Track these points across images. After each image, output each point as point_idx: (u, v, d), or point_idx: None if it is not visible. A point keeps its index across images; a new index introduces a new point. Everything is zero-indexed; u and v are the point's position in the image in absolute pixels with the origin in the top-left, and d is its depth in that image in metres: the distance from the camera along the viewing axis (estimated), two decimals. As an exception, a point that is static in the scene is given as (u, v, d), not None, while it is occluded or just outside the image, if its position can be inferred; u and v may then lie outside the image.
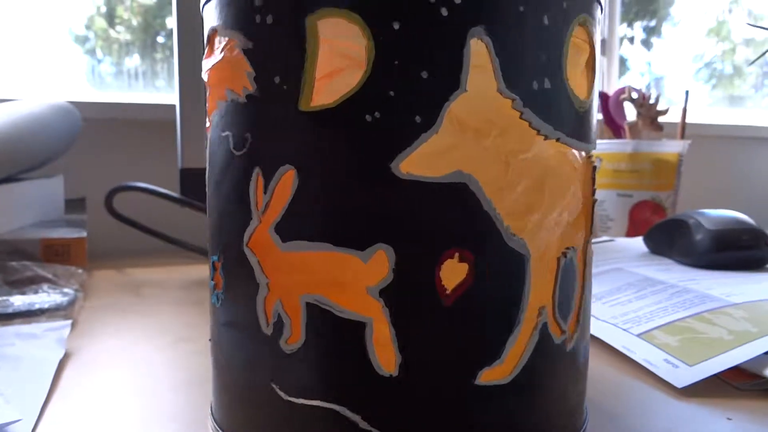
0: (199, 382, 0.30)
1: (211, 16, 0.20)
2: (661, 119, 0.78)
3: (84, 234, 0.54)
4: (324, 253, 0.18)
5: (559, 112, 0.19)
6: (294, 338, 0.18)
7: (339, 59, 0.17)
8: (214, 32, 0.20)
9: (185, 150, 0.57)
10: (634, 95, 0.77)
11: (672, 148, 0.73)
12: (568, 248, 0.20)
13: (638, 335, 0.34)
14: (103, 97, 0.77)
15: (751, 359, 0.29)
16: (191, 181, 0.55)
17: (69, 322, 0.37)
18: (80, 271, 0.49)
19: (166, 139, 0.74)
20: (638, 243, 0.57)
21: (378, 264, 0.17)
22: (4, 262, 0.48)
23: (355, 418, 0.18)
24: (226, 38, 0.19)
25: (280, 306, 0.19)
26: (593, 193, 0.21)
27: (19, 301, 0.41)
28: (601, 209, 0.77)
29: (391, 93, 0.17)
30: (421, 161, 0.17)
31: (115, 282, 0.53)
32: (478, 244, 0.18)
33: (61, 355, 0.32)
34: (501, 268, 0.18)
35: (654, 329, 0.34)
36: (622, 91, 0.78)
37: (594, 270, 0.47)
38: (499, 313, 0.18)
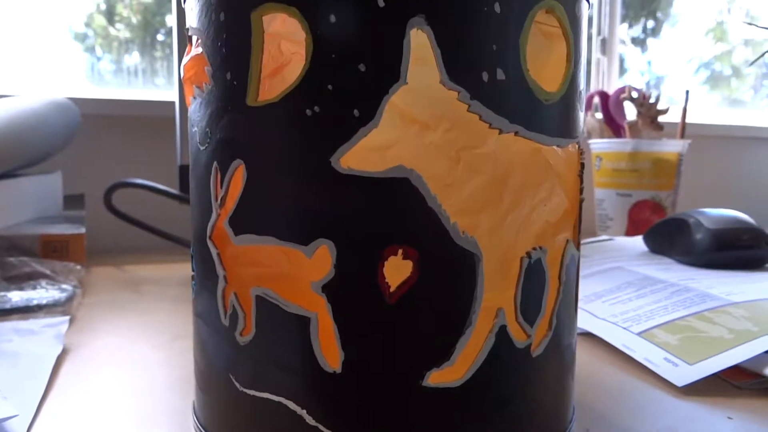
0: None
1: (189, 15, 0.21)
2: (660, 119, 0.78)
3: (82, 230, 0.54)
4: (271, 246, 0.18)
5: (517, 104, 0.18)
6: (246, 330, 0.19)
7: (283, 54, 0.17)
8: (187, 30, 0.21)
9: (184, 147, 0.56)
10: (635, 94, 0.77)
11: (672, 147, 0.73)
12: (534, 248, 0.19)
13: (638, 334, 0.34)
14: (102, 93, 0.76)
15: (751, 358, 0.29)
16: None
17: (67, 318, 0.37)
18: (78, 267, 0.49)
19: (165, 136, 0.74)
20: (638, 242, 0.57)
21: (321, 259, 0.17)
22: (2, 257, 0.47)
23: (302, 412, 0.18)
24: (195, 36, 0.20)
25: (234, 298, 0.19)
26: (581, 191, 0.21)
27: (17, 297, 0.41)
28: (601, 208, 0.77)
29: (330, 87, 0.17)
30: (361, 156, 0.17)
31: (113, 279, 0.53)
32: (423, 242, 0.17)
33: (58, 351, 0.32)
34: (449, 267, 0.17)
35: (654, 328, 0.34)
36: (622, 90, 0.78)
37: (594, 269, 0.47)
38: (447, 314, 0.18)
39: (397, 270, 0.17)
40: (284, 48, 0.17)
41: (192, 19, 0.20)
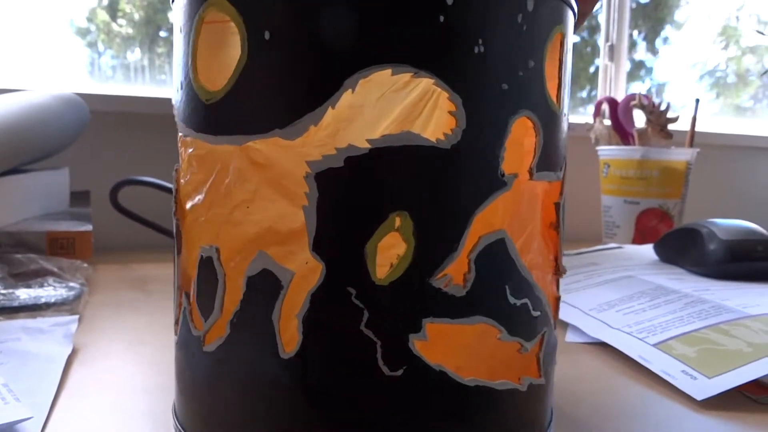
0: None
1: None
2: (668, 127, 0.78)
3: (90, 227, 0.54)
4: None
5: (188, 109, 0.20)
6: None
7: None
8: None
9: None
10: (644, 102, 0.77)
11: (680, 156, 0.72)
12: (206, 246, 0.20)
13: (654, 345, 0.33)
14: (110, 89, 0.76)
15: (771, 373, 0.29)
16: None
17: (76, 317, 0.37)
18: (85, 265, 0.48)
19: (172, 133, 0.74)
20: (648, 251, 0.56)
21: None
22: (9, 254, 0.47)
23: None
24: None
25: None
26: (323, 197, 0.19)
27: (24, 294, 0.40)
28: (608, 215, 0.76)
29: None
30: None
31: (120, 277, 0.53)
32: None
33: (68, 351, 0.32)
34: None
35: (670, 339, 0.33)
36: (632, 97, 0.78)
37: (605, 277, 0.47)
38: None
39: None
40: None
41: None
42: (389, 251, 0.18)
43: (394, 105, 0.18)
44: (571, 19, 0.21)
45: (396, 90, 0.18)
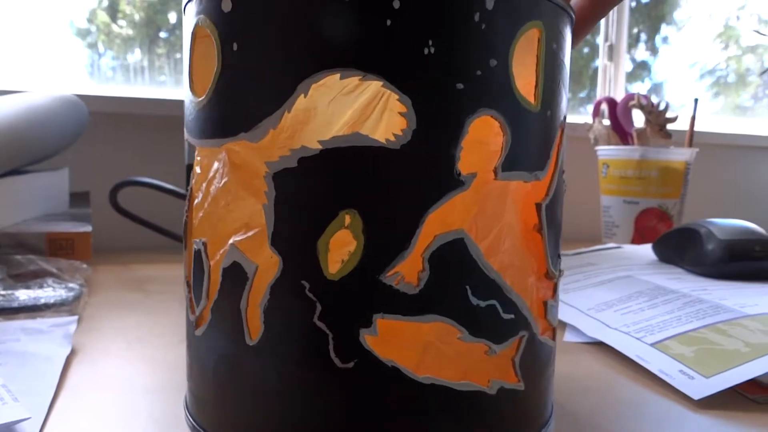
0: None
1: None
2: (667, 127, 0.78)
3: (89, 228, 0.54)
4: None
5: (190, 115, 0.22)
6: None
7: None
8: None
9: (193, 146, 0.56)
10: (643, 102, 0.77)
11: (679, 156, 0.73)
12: (197, 240, 0.22)
13: (652, 345, 0.33)
14: (110, 90, 0.76)
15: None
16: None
17: (75, 318, 0.37)
18: (85, 266, 0.48)
19: (172, 134, 0.74)
20: (647, 251, 0.56)
21: None
22: (8, 255, 0.47)
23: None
24: None
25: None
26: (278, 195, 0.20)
27: (24, 295, 0.40)
28: (607, 215, 0.76)
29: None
30: None
31: (119, 278, 0.53)
32: None
33: (67, 351, 0.32)
34: None
35: (668, 339, 0.34)
36: (630, 97, 0.78)
37: (603, 277, 0.47)
38: None
39: None
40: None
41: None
42: (341, 248, 0.19)
43: (345, 108, 0.18)
44: (557, 14, 0.21)
45: (346, 93, 0.18)
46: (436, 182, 0.19)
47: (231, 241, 0.20)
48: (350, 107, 0.18)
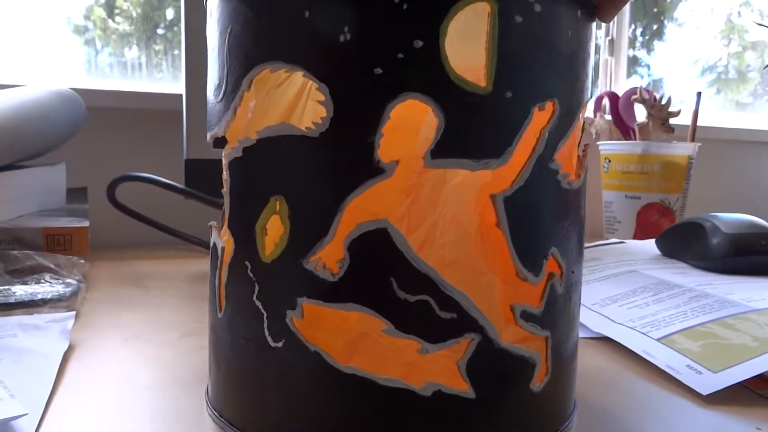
0: (204, 377, 0.29)
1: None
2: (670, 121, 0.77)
3: (86, 223, 0.53)
4: None
5: None
6: None
7: None
8: None
9: (191, 140, 0.56)
10: (645, 96, 0.76)
11: (682, 150, 0.72)
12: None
13: (658, 339, 0.33)
14: (107, 85, 0.75)
15: (777, 367, 0.28)
16: (196, 172, 0.54)
17: (73, 313, 0.36)
18: (82, 261, 0.48)
19: (170, 129, 0.73)
20: (650, 245, 0.56)
21: None
22: (5, 250, 0.47)
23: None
24: None
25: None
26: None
27: (20, 290, 0.40)
28: (609, 211, 0.76)
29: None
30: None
31: (117, 273, 0.52)
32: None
33: (65, 347, 0.31)
34: None
35: (674, 334, 0.33)
36: (633, 91, 0.78)
37: (607, 272, 0.46)
38: None
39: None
40: None
41: None
42: (275, 232, 0.20)
43: (278, 99, 0.20)
44: None
45: (277, 85, 0.19)
46: (355, 170, 0.19)
47: (210, 223, 0.24)
48: (283, 98, 0.19)
